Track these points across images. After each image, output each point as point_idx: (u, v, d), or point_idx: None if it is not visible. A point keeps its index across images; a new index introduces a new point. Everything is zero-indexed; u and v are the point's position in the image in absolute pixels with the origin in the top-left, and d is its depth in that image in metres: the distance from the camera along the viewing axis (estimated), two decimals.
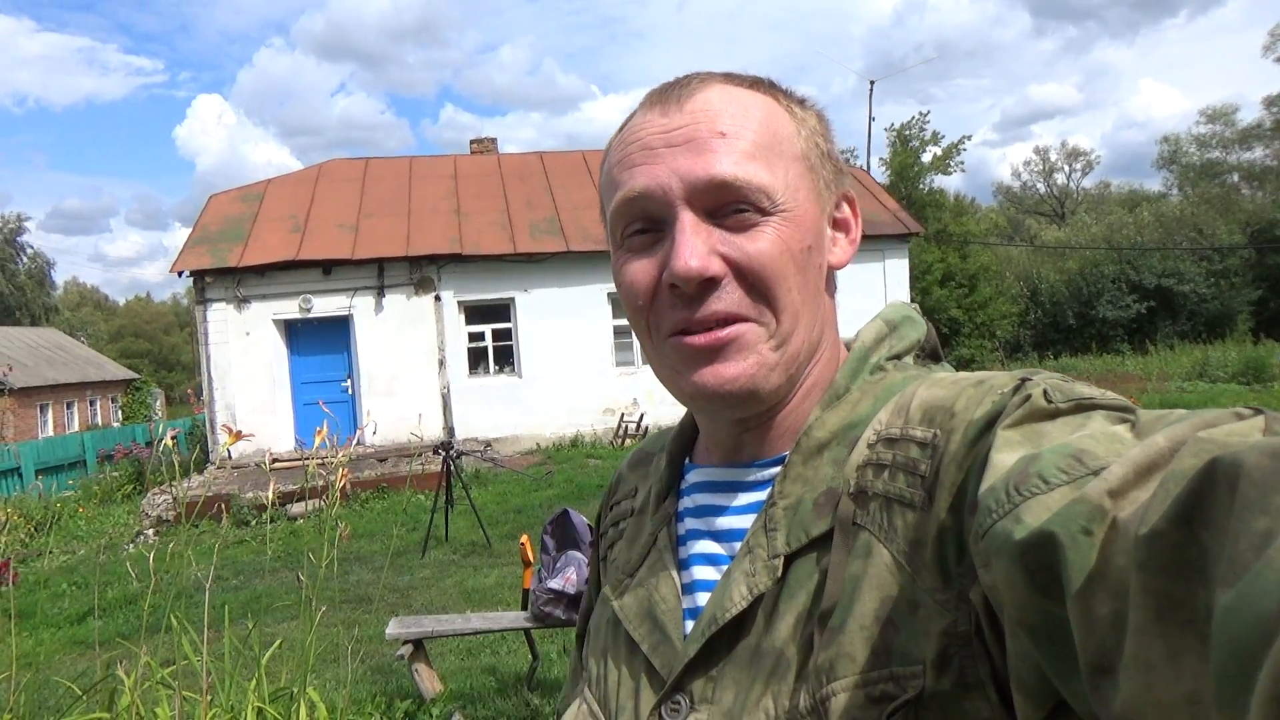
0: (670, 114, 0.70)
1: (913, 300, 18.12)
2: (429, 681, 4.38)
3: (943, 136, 29.03)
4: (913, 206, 25.33)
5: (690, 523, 0.78)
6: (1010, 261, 33.60)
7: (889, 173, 28.64)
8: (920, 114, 33.69)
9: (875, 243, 16.76)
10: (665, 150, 0.69)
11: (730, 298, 0.68)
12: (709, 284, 0.67)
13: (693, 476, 0.81)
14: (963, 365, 26.05)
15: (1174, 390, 17.67)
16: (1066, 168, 55.09)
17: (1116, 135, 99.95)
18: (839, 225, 0.77)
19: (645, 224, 0.71)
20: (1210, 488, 0.39)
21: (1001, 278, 29.85)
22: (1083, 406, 0.56)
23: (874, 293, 16.77)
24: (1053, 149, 61.66)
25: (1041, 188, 55.72)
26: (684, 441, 0.85)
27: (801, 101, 0.76)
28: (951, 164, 28.96)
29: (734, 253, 0.68)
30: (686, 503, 0.80)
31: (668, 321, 0.70)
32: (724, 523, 0.75)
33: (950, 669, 0.57)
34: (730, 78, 0.74)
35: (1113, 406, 0.56)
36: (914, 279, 19.57)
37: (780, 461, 0.73)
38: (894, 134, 29.02)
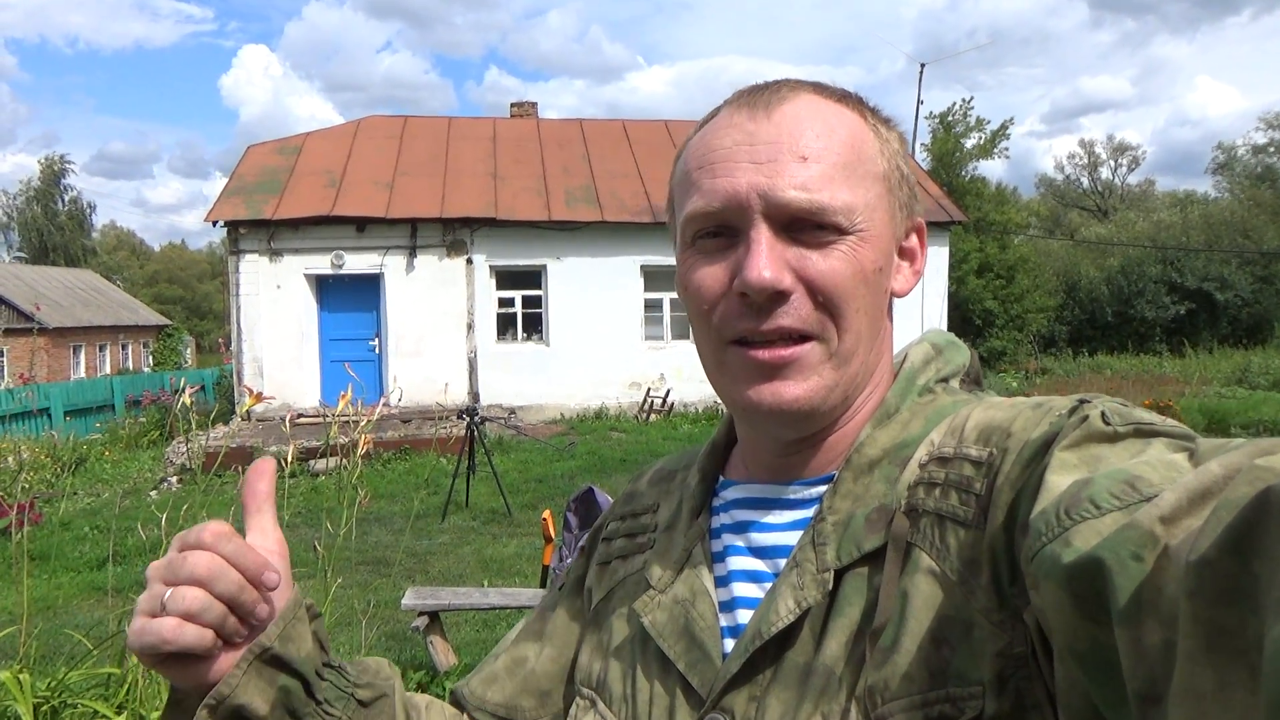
0: (758, 120, 0.69)
1: (949, 290, 17.90)
2: (443, 654, 4.31)
3: (987, 122, 28.49)
4: (953, 194, 24.91)
5: (729, 538, 0.77)
6: (1049, 255, 33.02)
7: (930, 159, 28.16)
8: (964, 100, 33.02)
9: None
10: (748, 164, 0.68)
11: (798, 313, 0.67)
12: (778, 297, 0.67)
13: (730, 493, 0.79)
14: (995, 357, 25.70)
15: (1213, 396, 17.28)
16: (1112, 162, 54.03)
17: (1168, 132, 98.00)
18: (905, 254, 0.76)
19: (720, 229, 0.70)
20: (1264, 516, 0.38)
21: (1040, 271, 29.35)
22: (1142, 432, 0.56)
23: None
24: (1099, 142, 60.34)
25: (1085, 182, 54.69)
26: (716, 459, 0.84)
27: (887, 121, 0.75)
28: (996, 150, 28.44)
29: (807, 269, 0.67)
30: (724, 519, 0.78)
31: (731, 329, 0.69)
32: (766, 539, 0.74)
33: (1008, 691, 0.57)
34: (820, 89, 0.73)
35: (1173, 434, 0.55)
36: (951, 268, 19.25)
37: (826, 480, 0.72)
38: (935, 120, 28.50)
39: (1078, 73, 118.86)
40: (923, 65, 26.65)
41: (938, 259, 16.79)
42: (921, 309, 16.51)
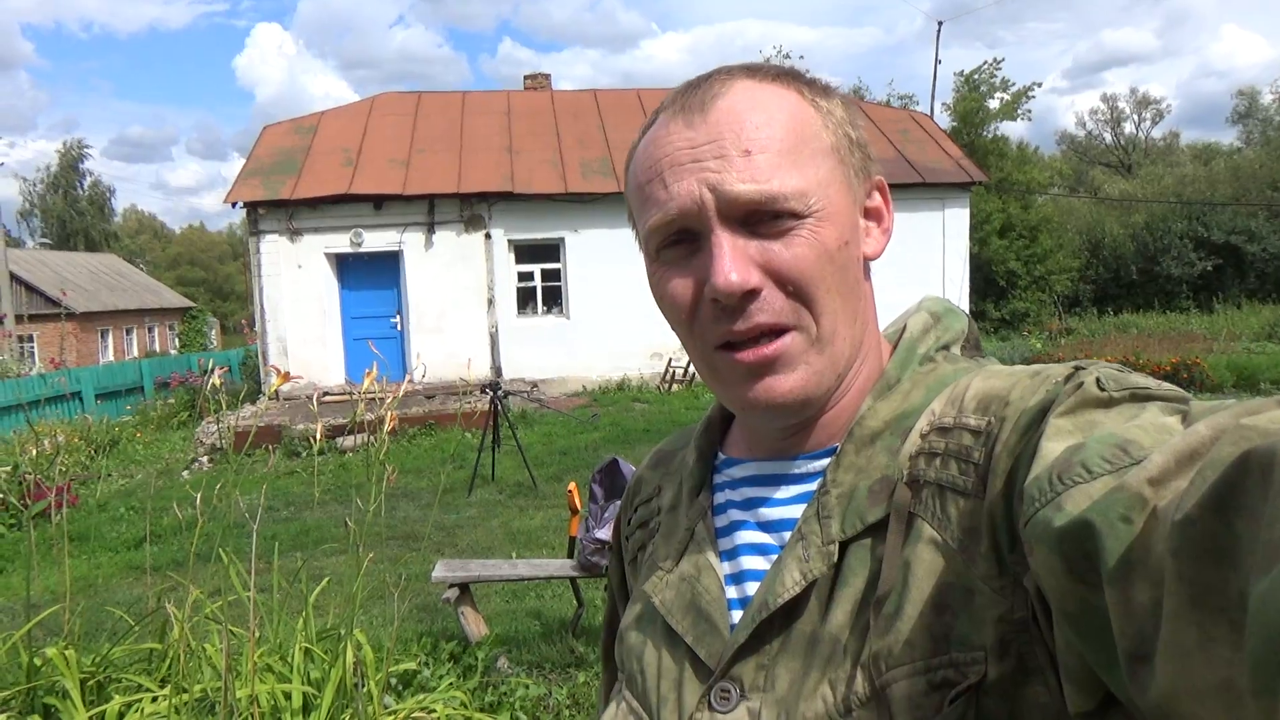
0: (695, 125, 0.69)
1: (971, 251, 17.71)
2: (474, 624, 4.38)
3: (1012, 83, 28.00)
4: (975, 154, 24.56)
5: (735, 514, 0.77)
6: (1072, 214, 32.54)
7: (952, 118, 27.75)
8: (994, 60, 32.35)
9: (936, 191, 16.29)
10: (693, 165, 0.68)
11: (772, 307, 0.67)
12: (749, 296, 0.67)
13: (735, 471, 0.80)
14: (1018, 318, 25.46)
15: (1241, 351, 17.06)
16: (1136, 116, 52.98)
17: (1193, 84, 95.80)
18: (871, 214, 0.75)
19: (680, 236, 0.70)
20: (1245, 475, 0.39)
21: (1063, 230, 28.95)
22: (1137, 397, 0.57)
23: (933, 242, 16.37)
24: (1121, 97, 59.18)
25: (1108, 137, 53.73)
26: (712, 436, 0.85)
27: (826, 89, 0.74)
28: (1019, 111, 27.97)
29: (773, 261, 0.67)
30: (730, 495, 0.79)
31: (712, 334, 0.69)
32: (771, 513, 0.75)
33: (1010, 655, 0.58)
34: (753, 72, 0.72)
35: (1168, 398, 0.56)
36: (973, 229, 19.04)
37: (829, 453, 0.73)
38: (961, 80, 28.03)
39: (1100, 26, 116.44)
40: (940, 23, 26.28)
41: (958, 221, 16.62)
42: (943, 271, 16.38)
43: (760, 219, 0.67)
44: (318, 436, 3.50)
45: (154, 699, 3.01)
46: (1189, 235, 28.66)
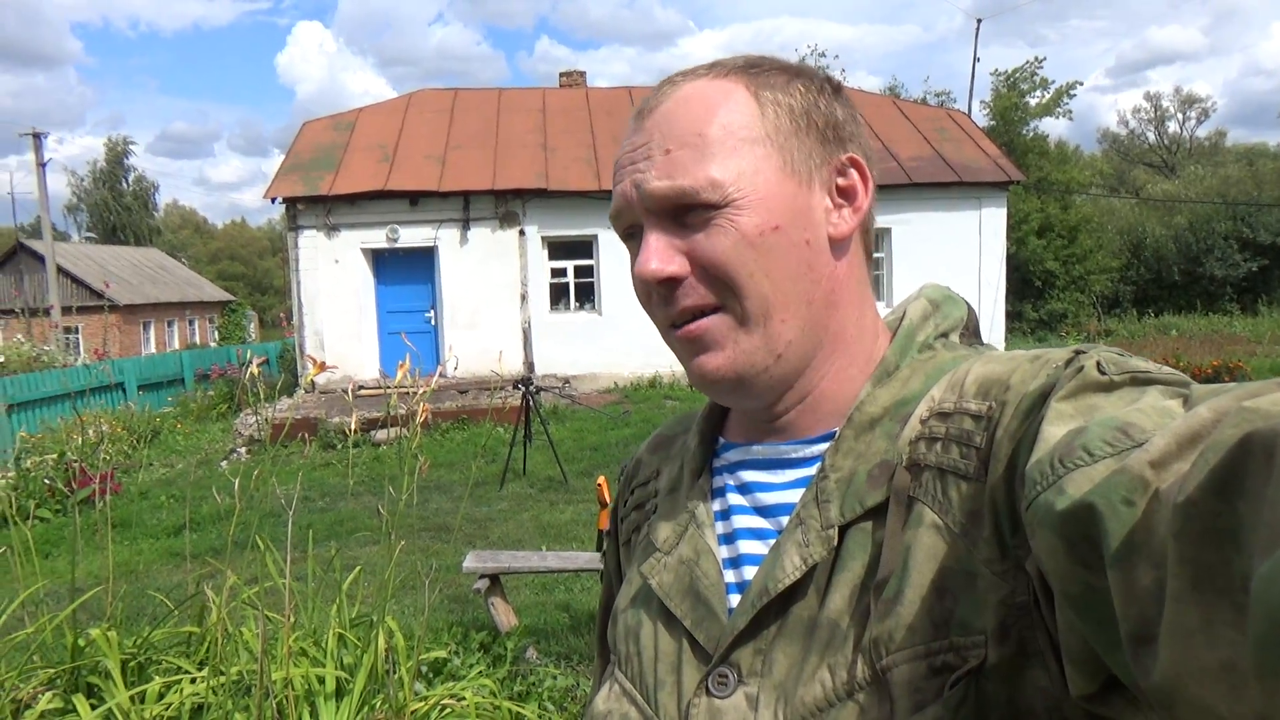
0: (638, 129, 0.74)
1: (1008, 251, 17.50)
2: (504, 615, 4.44)
3: (1053, 82, 27.61)
4: (1013, 153, 24.26)
5: (733, 498, 0.78)
6: (1113, 214, 32.05)
7: (990, 116, 27.43)
8: (1035, 59, 31.89)
9: (972, 190, 16.11)
10: (629, 168, 0.73)
11: (695, 292, 0.71)
12: (672, 283, 0.71)
13: (732, 455, 0.81)
14: (1056, 319, 25.12)
15: None
16: (1180, 115, 52.03)
17: (1240, 83, 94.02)
18: (844, 192, 0.75)
19: (631, 232, 0.75)
20: (1247, 457, 0.39)
21: (1103, 230, 28.50)
22: (1138, 380, 0.57)
23: (969, 242, 16.20)
24: (1165, 95, 58.03)
25: (1151, 136, 52.80)
26: (714, 420, 0.86)
27: (779, 82, 0.74)
28: (1059, 109, 27.58)
29: (695, 249, 0.71)
30: (728, 479, 0.80)
31: (659, 317, 0.75)
32: (769, 498, 0.75)
33: (1010, 639, 0.58)
34: (713, 68, 0.75)
35: (1169, 381, 0.56)
36: (1010, 229, 18.82)
37: (827, 439, 0.74)
38: (999, 78, 27.69)
39: (1146, 23, 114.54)
40: (979, 21, 25.97)
41: (995, 220, 16.42)
42: (979, 271, 16.20)
43: (685, 211, 0.71)
44: (352, 429, 3.57)
45: (192, 680, 3.09)
46: (1234, 236, 28.09)
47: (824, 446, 0.73)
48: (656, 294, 0.73)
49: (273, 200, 15.23)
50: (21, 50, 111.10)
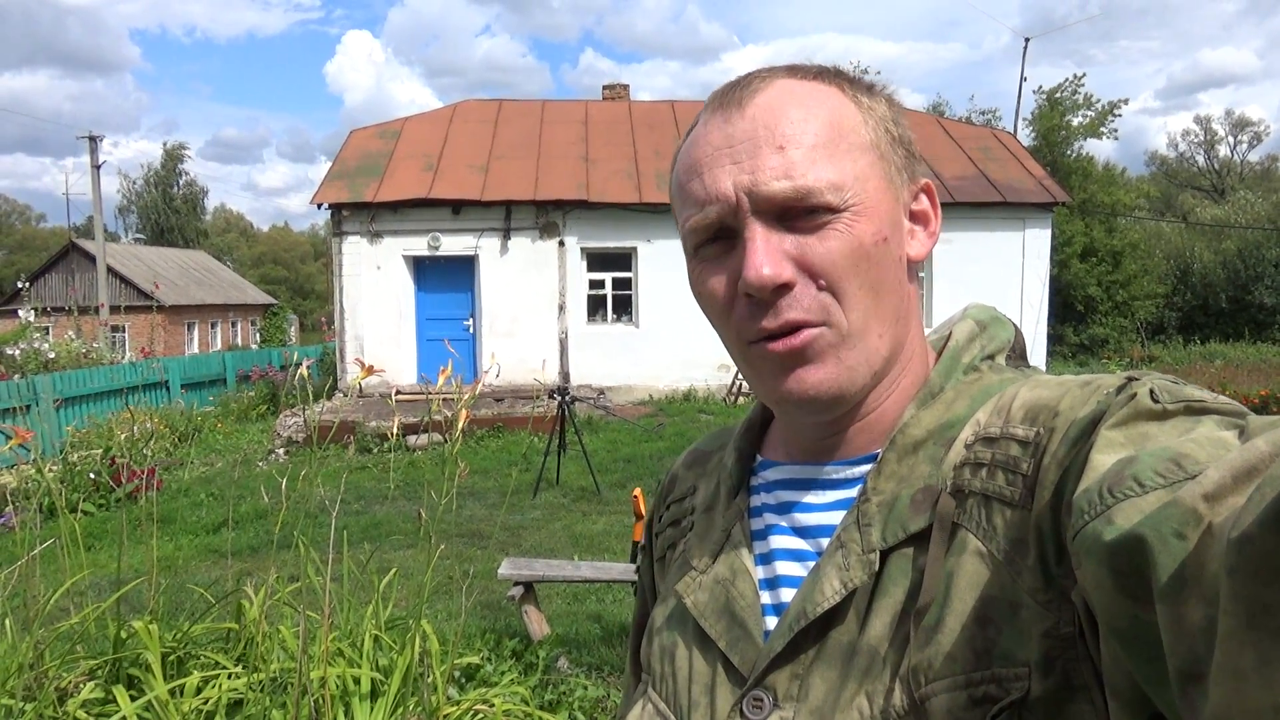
0: (732, 120, 0.69)
1: (1051, 274, 17.29)
2: (537, 624, 4.44)
3: (1098, 100, 27.27)
4: (1058, 173, 23.97)
5: (770, 518, 0.77)
6: (1160, 238, 31.55)
7: (1034, 135, 27.14)
8: (1075, 76, 31.55)
9: (1017, 210, 15.95)
10: (730, 166, 0.68)
11: (801, 304, 0.67)
12: (782, 290, 0.67)
13: (771, 474, 0.79)
14: (1097, 344, 24.73)
15: None
16: (1231, 139, 51.15)
17: None
18: (917, 218, 0.75)
19: (718, 234, 0.70)
20: None
21: (1149, 255, 28.05)
22: (1192, 410, 0.55)
23: (1012, 263, 16.03)
24: (1216, 119, 57.04)
25: (1201, 160, 51.93)
26: (752, 438, 0.84)
27: (870, 88, 0.74)
28: (1105, 129, 27.23)
29: (806, 255, 0.67)
30: (765, 498, 0.78)
31: (747, 330, 0.69)
32: (808, 519, 0.74)
33: (1055, 671, 0.56)
34: (794, 71, 0.72)
35: (1224, 411, 0.54)
36: (1053, 251, 18.58)
37: (869, 460, 0.72)
38: (1042, 96, 27.42)
39: (1199, 45, 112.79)
40: (1027, 40, 25.71)
41: (1038, 241, 16.23)
42: (1021, 293, 16.01)
43: (796, 214, 0.67)
44: (393, 432, 3.61)
45: (230, 676, 3.13)
46: None
47: (866, 468, 0.72)
48: (751, 305, 0.68)
49: (319, 206, 15.48)
50: (83, 56, 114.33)
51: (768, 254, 0.66)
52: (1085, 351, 24.61)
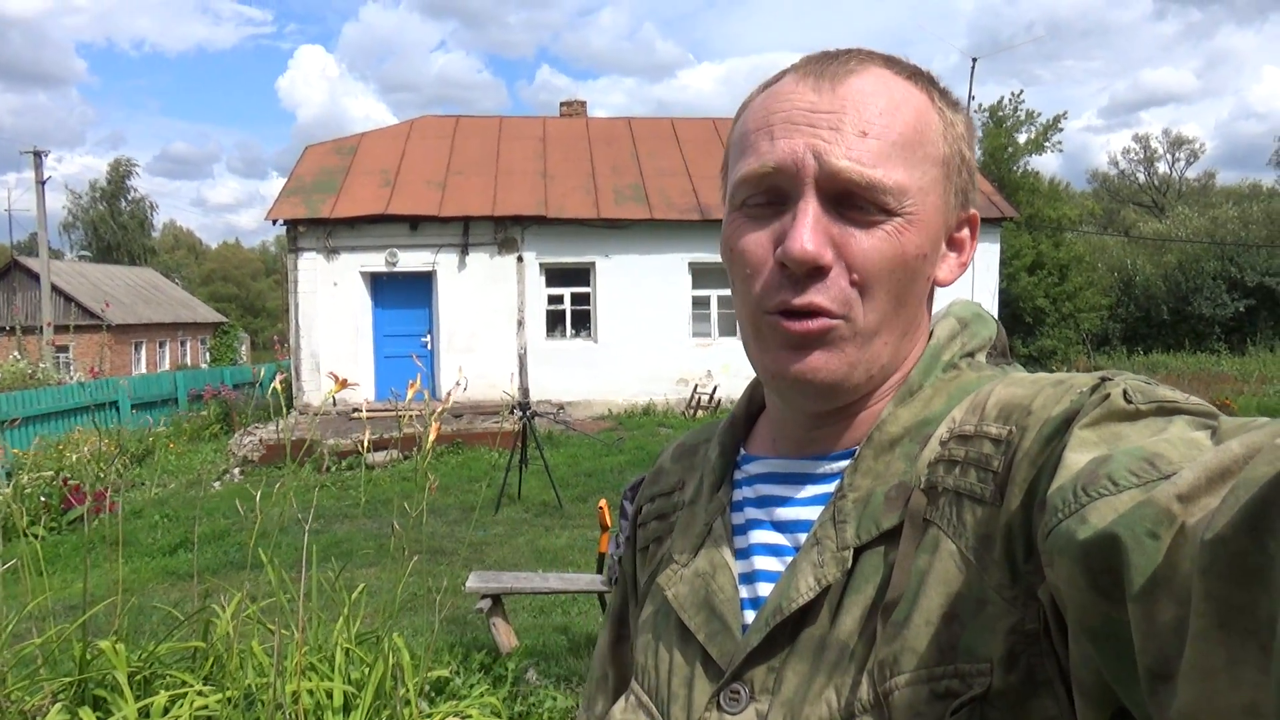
0: (822, 92, 0.68)
1: (1000, 287, 17.69)
2: (505, 636, 4.47)
3: (1038, 115, 27.98)
4: (1005, 189, 24.54)
5: (751, 512, 0.77)
6: (1103, 252, 32.41)
7: (982, 153, 27.76)
8: (1014, 94, 32.36)
9: None
10: (808, 129, 0.67)
11: (830, 292, 0.67)
12: (817, 272, 0.66)
13: (753, 468, 0.80)
14: (1045, 356, 25.31)
15: (1273, 395, 16.88)
16: (1169, 156, 52.75)
17: (1232, 125, 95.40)
18: (954, 244, 0.75)
19: (770, 195, 0.69)
20: None
21: (1094, 268, 28.81)
22: (1165, 410, 0.56)
23: (963, 276, 16.27)
24: (1154, 136, 58.83)
25: (1141, 176, 53.47)
26: (736, 433, 0.85)
27: (955, 104, 0.74)
28: (1048, 143, 27.94)
29: (849, 246, 0.67)
30: (746, 493, 0.79)
31: (770, 299, 0.68)
32: (787, 514, 0.74)
33: (1018, 667, 0.57)
34: (891, 63, 0.72)
35: (1196, 412, 0.55)
36: (1002, 265, 19.01)
37: (847, 456, 0.72)
38: (985, 113, 28.08)
39: (1139, 65, 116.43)
40: (974, 60, 26.26)
41: (988, 255, 16.61)
42: None
43: (852, 202, 0.67)
44: (364, 446, 3.62)
45: (199, 693, 3.11)
46: (1222, 276, 28.44)
47: (844, 464, 0.72)
48: (782, 275, 0.68)
49: (274, 222, 15.31)
50: (27, 69, 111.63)
51: (815, 231, 0.66)
52: (1034, 363, 25.14)
